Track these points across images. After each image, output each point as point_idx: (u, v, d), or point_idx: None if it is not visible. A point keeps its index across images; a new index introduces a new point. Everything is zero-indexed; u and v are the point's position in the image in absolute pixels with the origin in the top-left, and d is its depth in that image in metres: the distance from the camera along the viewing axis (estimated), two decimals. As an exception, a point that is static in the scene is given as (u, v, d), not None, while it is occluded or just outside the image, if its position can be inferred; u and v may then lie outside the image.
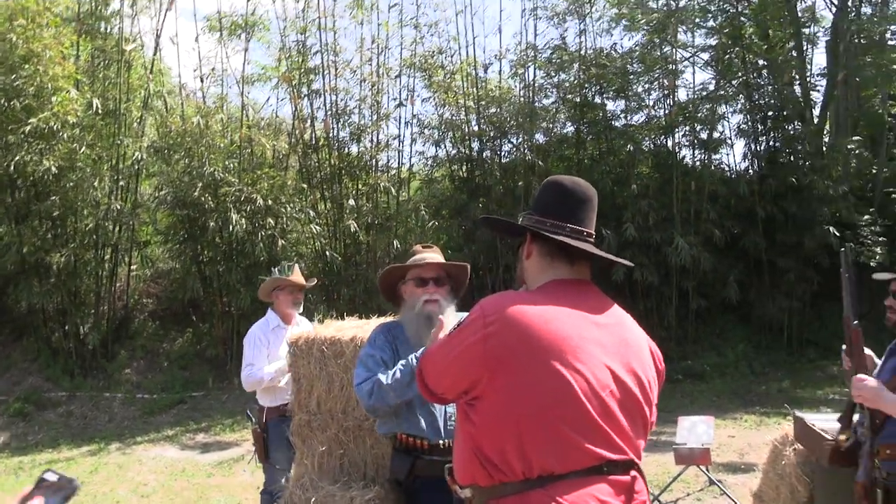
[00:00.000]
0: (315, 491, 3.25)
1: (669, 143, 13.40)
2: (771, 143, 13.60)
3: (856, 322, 2.80)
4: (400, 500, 3.03)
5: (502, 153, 13.52)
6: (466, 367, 1.79)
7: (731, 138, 13.98)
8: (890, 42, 13.23)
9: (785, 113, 13.24)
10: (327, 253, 11.61)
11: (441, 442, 2.92)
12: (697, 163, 13.45)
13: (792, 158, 13.02)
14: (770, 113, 13.54)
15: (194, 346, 12.13)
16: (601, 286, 2.00)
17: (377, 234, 12.29)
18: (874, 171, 13.03)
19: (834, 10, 13.36)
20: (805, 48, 13.84)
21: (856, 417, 3.08)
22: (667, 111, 13.30)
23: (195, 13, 28.93)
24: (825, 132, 13.72)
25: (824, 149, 13.30)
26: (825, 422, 3.61)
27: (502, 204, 12.60)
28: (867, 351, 3.19)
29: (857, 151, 12.63)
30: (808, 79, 14.03)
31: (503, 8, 40.62)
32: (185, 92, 13.39)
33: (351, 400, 3.51)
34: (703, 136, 13.36)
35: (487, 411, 1.76)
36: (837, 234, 11.59)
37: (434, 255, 3.15)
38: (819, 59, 14.10)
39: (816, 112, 14.04)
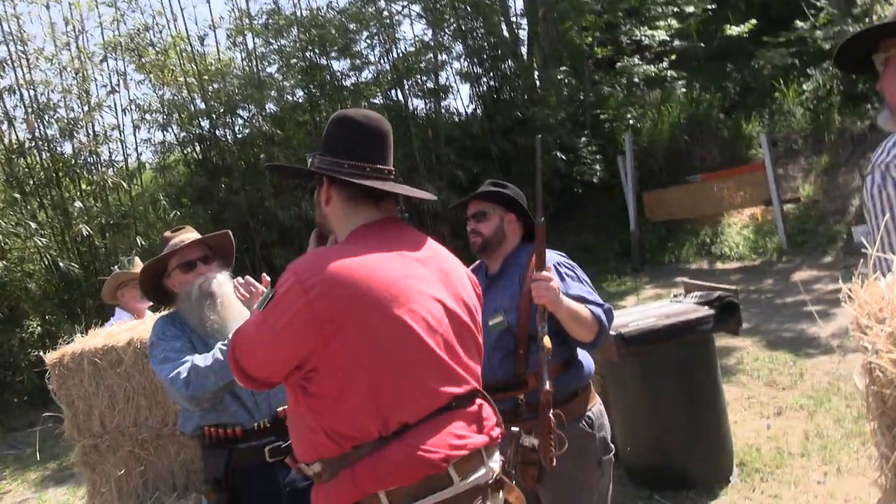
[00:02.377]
0: (122, 518, 2.93)
1: (400, 96, 13.70)
2: (492, 83, 14.43)
3: (542, 220, 2.49)
4: (223, 500, 2.73)
5: (236, 128, 12.94)
6: (295, 341, 1.63)
7: (455, 84, 14.63)
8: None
9: (499, 52, 14.08)
10: (61, 265, 10.41)
11: (255, 424, 2.67)
12: (430, 112, 13.90)
13: (512, 95, 13.92)
14: (485, 55, 14.32)
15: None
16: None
17: (115, 234, 11.22)
18: (582, 98, 14.35)
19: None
20: (505, -9, 14.77)
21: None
22: (391, 65, 13.53)
23: None
24: (535, 67, 14.82)
25: (538, 82, 14.41)
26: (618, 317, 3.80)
27: (246, 180, 12.12)
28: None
29: (566, 81, 13.79)
30: (512, 19, 15.03)
31: (206, -24, 38.33)
32: None
33: (141, 409, 3.17)
34: (430, 85, 13.82)
35: (329, 379, 1.63)
36: (564, 157, 12.65)
37: (190, 235, 2.84)
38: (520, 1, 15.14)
39: (525, 49, 15.13)
